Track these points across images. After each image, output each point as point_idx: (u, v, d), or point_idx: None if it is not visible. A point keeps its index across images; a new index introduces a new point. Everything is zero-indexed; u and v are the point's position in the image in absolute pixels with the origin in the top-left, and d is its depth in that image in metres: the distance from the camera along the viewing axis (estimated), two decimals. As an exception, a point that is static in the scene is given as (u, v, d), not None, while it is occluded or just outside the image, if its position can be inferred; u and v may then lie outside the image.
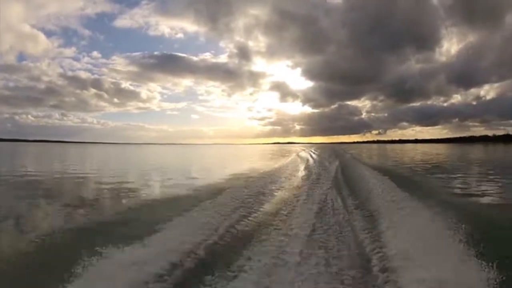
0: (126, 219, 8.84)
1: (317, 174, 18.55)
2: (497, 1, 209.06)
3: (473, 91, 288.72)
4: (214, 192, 11.58)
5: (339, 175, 17.64)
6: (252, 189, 12.60)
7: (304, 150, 66.08)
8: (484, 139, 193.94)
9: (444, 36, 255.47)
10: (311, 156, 39.13)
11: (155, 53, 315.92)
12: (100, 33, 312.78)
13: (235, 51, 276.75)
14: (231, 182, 15.22)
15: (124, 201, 12.15)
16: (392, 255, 5.59)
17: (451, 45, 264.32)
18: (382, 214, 8.37)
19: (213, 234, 6.72)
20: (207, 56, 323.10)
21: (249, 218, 8.42)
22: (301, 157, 37.71)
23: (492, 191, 14.11)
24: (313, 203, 10.30)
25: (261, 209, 9.66)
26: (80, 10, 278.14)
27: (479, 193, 13.50)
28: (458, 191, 14.39)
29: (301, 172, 20.10)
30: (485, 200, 12.16)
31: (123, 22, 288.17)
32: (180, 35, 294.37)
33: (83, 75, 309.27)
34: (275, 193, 12.27)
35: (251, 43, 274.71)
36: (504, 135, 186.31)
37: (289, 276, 4.98)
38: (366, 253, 6.01)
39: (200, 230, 6.79)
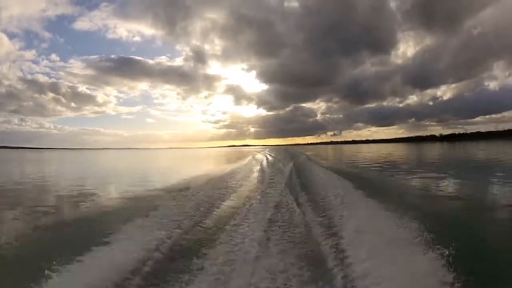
0: (77, 227, 8.86)
1: (271, 176, 18.70)
2: (455, 6, 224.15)
3: (430, 92, 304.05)
4: (167, 196, 11.74)
5: (293, 176, 17.86)
6: (205, 192, 12.59)
7: (259, 152, 67.24)
8: (432, 139, 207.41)
9: (400, 39, 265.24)
10: (266, 158, 39.62)
11: (112, 56, 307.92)
12: (60, 36, 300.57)
13: (191, 54, 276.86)
14: (184, 186, 14.88)
15: (74, 208, 11.86)
16: (348, 254, 5.64)
17: (407, 48, 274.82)
18: (337, 214, 8.46)
19: (168, 238, 6.73)
20: (163, 59, 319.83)
21: (204, 222, 8.45)
22: (256, 159, 38.30)
23: (438, 187, 15.14)
24: (267, 204, 10.28)
25: (216, 212, 9.66)
26: (42, 12, 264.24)
27: (430, 189, 14.35)
28: (410, 188, 15.03)
29: (256, 174, 20.19)
30: (434, 195, 12.91)
31: (82, 24, 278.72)
32: (137, 38, 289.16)
33: (42, 78, 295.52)
34: (230, 196, 12.23)
35: (207, 47, 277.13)
36: (458, 134, 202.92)
37: (245, 277, 5.04)
38: (320, 252, 6.08)
39: (155, 235, 6.76)
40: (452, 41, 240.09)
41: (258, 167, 25.85)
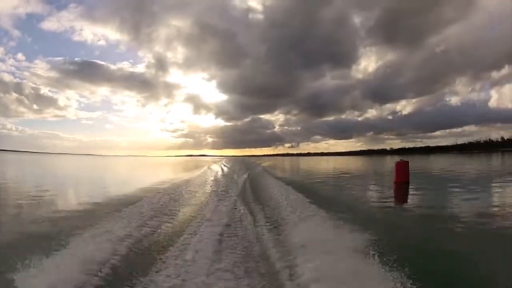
0: (27, 234, 8.65)
1: (226, 186, 18.91)
2: (420, 24, 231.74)
3: (389, 106, 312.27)
4: (120, 205, 11.49)
5: (247, 187, 18.21)
6: (159, 202, 12.62)
7: (215, 162, 67.24)
8: (383, 152, 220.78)
9: (362, 54, 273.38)
10: (221, 168, 39.84)
11: (76, 59, 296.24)
12: (28, 35, 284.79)
13: (153, 61, 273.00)
14: (137, 195, 14.78)
15: (25, 215, 11.70)
16: (301, 267, 5.74)
17: (369, 63, 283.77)
18: (290, 225, 8.67)
19: (118, 251, 6.64)
20: (125, 65, 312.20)
21: (157, 232, 8.51)
22: (211, 170, 38.43)
23: (386, 197, 16.17)
24: (220, 216, 10.35)
25: (169, 221, 9.73)
26: (13, 9, 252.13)
27: (381, 200, 15.07)
28: (363, 199, 15.70)
29: (211, 185, 20.26)
30: (385, 206, 13.46)
31: (49, 24, 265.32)
32: (102, 42, 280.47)
33: (7, 77, 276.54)
34: (181, 208, 12.20)
35: (169, 54, 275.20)
36: (407, 148, 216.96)
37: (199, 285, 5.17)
38: (273, 264, 6.19)
39: (107, 246, 6.72)
40: (415, 57, 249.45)
41: (212, 178, 25.95)
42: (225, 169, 39.83)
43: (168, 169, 52.34)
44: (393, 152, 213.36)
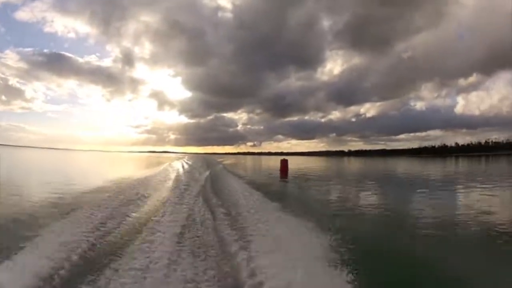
0: None
1: (187, 183, 19.40)
2: (388, 30, 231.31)
3: (353, 108, 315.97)
4: (82, 203, 11.62)
5: (208, 185, 18.79)
6: (122, 198, 12.85)
7: (178, 159, 67.70)
8: (341, 154, 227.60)
9: (328, 57, 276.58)
10: (183, 166, 40.34)
11: (45, 51, 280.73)
12: (1, 25, 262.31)
13: (120, 56, 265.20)
14: (100, 192, 14.89)
15: None
16: (259, 263, 6.19)
17: (334, 66, 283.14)
18: (249, 223, 9.23)
19: (79, 247, 6.84)
20: (92, 58, 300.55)
21: (119, 228, 8.72)
22: (173, 167, 38.79)
23: (345, 198, 17.26)
24: (181, 212, 10.93)
25: (131, 218, 9.99)
26: None
27: (337, 200, 16.26)
28: (321, 199, 16.72)
29: (172, 182, 20.62)
30: (343, 208, 14.05)
31: (23, 14, 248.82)
32: (72, 34, 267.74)
33: None
34: (146, 202, 12.55)
35: (137, 49, 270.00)
36: (364, 150, 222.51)
37: (158, 283, 5.43)
38: (232, 260, 6.61)
39: (67, 244, 6.85)
40: (381, 62, 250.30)
41: (174, 175, 26.29)
42: (187, 166, 40.21)
43: (130, 166, 51.32)
44: (350, 153, 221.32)
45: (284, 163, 31.72)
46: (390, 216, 12.61)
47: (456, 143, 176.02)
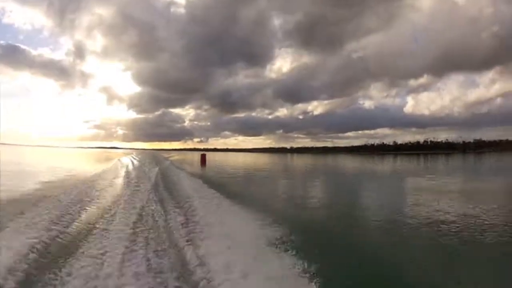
0: None
1: (138, 179, 20.06)
2: (339, 31, 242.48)
3: (301, 106, 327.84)
4: (32, 201, 11.41)
5: (159, 181, 19.53)
6: (74, 196, 12.88)
7: (127, 155, 68.66)
8: (284, 150, 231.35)
9: (278, 55, 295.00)
10: (132, 162, 41.07)
11: (1, 42, 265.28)
12: None
13: (72, 49, 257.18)
14: (52, 189, 15.03)
15: None
16: (210, 260, 6.44)
17: (284, 64, 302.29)
18: (199, 217, 9.70)
19: (33, 247, 6.92)
20: (46, 51, 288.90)
21: (72, 226, 8.85)
22: (123, 163, 39.48)
23: (293, 192, 19.21)
24: (133, 208, 11.27)
25: (83, 215, 10.15)
26: None
27: (286, 195, 18.05)
28: (267, 193, 18.03)
29: (123, 178, 21.10)
30: (292, 201, 15.67)
31: None
32: (28, 26, 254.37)
33: None
34: (97, 200, 12.81)
35: (89, 42, 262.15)
36: (305, 147, 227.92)
37: (112, 280, 5.68)
38: (183, 256, 6.89)
39: (19, 244, 6.89)
40: (331, 62, 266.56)
41: (124, 171, 26.95)
42: (136, 162, 41.23)
43: (81, 161, 50.84)
44: (293, 150, 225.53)
45: (203, 157, 46.15)
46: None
47: (395, 142, 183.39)
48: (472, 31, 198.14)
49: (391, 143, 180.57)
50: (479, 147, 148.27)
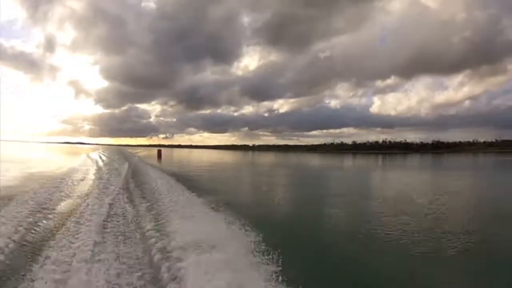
0: None
1: (108, 175, 20.43)
2: (308, 31, 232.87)
3: (267, 104, 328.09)
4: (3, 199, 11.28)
5: (128, 177, 20.04)
6: (45, 192, 12.99)
7: (94, 151, 68.96)
8: (246, 148, 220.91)
9: (245, 53, 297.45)
10: (101, 158, 42.06)
11: None
12: None
13: (43, 41, 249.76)
14: (22, 186, 15.08)
15: None
16: (178, 254, 6.61)
17: (251, 62, 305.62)
18: (168, 213, 10.07)
19: (5, 246, 6.97)
20: (17, 43, 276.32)
21: (43, 222, 9.03)
22: (92, 159, 40.47)
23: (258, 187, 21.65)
24: (102, 205, 11.52)
25: (55, 211, 10.39)
26: None
27: (252, 191, 20.38)
28: (234, 189, 19.47)
29: (93, 174, 21.38)
30: (260, 196, 17.66)
31: None
32: (3, 17, 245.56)
33: None
34: (67, 196, 12.98)
35: (59, 35, 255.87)
36: (267, 145, 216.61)
37: (82, 275, 5.82)
38: (151, 251, 7.06)
39: None
40: (298, 60, 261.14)
41: (95, 167, 27.43)
42: (105, 158, 42.40)
43: (50, 157, 50.54)
44: (255, 148, 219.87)
45: (159, 152, 57.62)
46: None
47: (353, 141, 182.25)
48: (443, 35, 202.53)
49: (350, 143, 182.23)
50: (436, 148, 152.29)
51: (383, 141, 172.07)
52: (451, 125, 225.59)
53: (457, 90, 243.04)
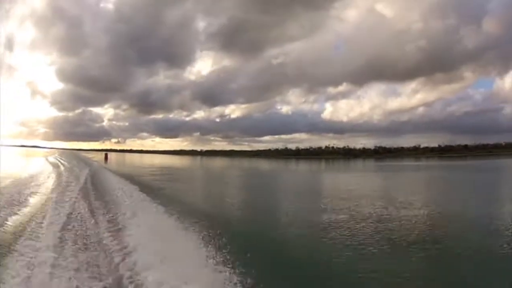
0: None
1: (67, 181, 21.32)
2: (261, 37, 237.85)
3: (218, 109, 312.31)
4: None
5: (88, 182, 21.24)
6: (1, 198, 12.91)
7: (51, 155, 72.66)
8: (196, 153, 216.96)
9: (199, 57, 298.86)
10: (60, 162, 45.56)
11: None
12: None
13: (3, 40, 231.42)
14: None
15: None
16: (136, 259, 6.97)
17: (204, 67, 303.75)
18: (126, 218, 10.34)
19: None
20: None
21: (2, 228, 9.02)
22: (51, 163, 43.95)
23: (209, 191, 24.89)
24: (62, 211, 11.80)
25: (11, 218, 10.38)
26: None
27: (210, 194, 22.97)
28: (191, 195, 21.18)
29: (52, 180, 22.41)
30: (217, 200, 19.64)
31: None
32: None
33: None
34: (26, 202, 13.08)
35: (19, 35, 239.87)
36: (214, 150, 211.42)
37: (43, 283, 5.91)
38: (111, 256, 7.31)
39: None
40: (250, 66, 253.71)
41: (55, 173, 28.61)
42: (65, 163, 45.58)
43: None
44: (203, 153, 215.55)
45: (106, 155, 70.58)
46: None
47: (297, 147, 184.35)
48: (398, 43, 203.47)
49: (294, 148, 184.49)
50: (378, 153, 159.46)
51: (326, 147, 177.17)
52: (404, 131, 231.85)
53: (411, 97, 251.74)
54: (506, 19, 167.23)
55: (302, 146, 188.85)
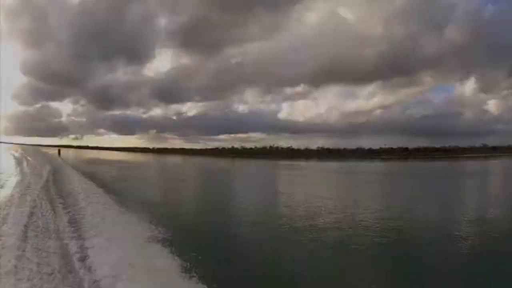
0: None
1: (28, 178, 21.67)
2: (221, 36, 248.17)
3: (175, 106, 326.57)
4: None
5: (50, 180, 21.63)
6: None
7: (13, 151, 76.98)
8: (147, 150, 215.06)
9: (158, 54, 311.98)
10: (25, 159, 45.96)
11: None
12: None
13: None
14: None
15: None
16: (94, 259, 7.17)
17: (163, 64, 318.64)
18: (87, 217, 10.55)
19: None
20: None
21: None
22: (15, 158, 46.35)
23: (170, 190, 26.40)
24: (23, 208, 11.82)
25: None
26: None
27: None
28: (152, 195, 22.33)
29: (13, 177, 22.64)
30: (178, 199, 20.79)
31: None
32: None
33: None
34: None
35: None
36: (167, 148, 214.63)
37: (5, 282, 5.86)
38: (70, 256, 7.44)
39: None
40: (208, 65, 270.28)
41: (18, 168, 29.69)
42: (29, 158, 47.44)
43: None
44: (155, 151, 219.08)
45: (59, 150, 78.55)
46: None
47: (242, 146, 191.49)
48: (357, 47, 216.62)
49: (239, 147, 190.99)
50: (319, 154, 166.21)
51: (270, 147, 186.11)
52: (361, 132, 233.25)
53: (368, 99, 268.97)
54: (470, 27, 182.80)
55: (259, 145, 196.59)
